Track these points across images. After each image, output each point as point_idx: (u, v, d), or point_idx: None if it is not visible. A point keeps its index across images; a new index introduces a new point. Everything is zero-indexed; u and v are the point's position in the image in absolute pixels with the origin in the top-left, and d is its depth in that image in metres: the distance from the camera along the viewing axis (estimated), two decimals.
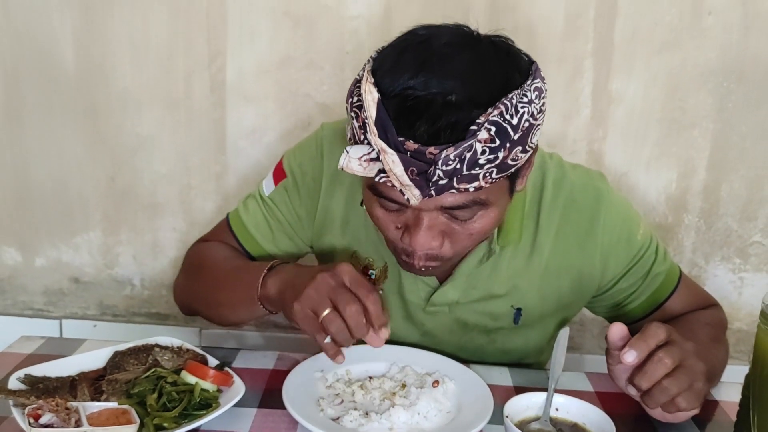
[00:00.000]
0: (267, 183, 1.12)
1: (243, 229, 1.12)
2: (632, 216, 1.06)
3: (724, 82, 1.48)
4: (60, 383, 0.85)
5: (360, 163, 0.78)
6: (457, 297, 1.04)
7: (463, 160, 0.75)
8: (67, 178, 1.56)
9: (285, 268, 0.93)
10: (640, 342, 0.79)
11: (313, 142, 1.08)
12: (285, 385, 0.89)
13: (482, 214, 0.85)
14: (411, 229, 0.85)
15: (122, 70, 1.49)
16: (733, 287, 1.59)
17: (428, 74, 0.77)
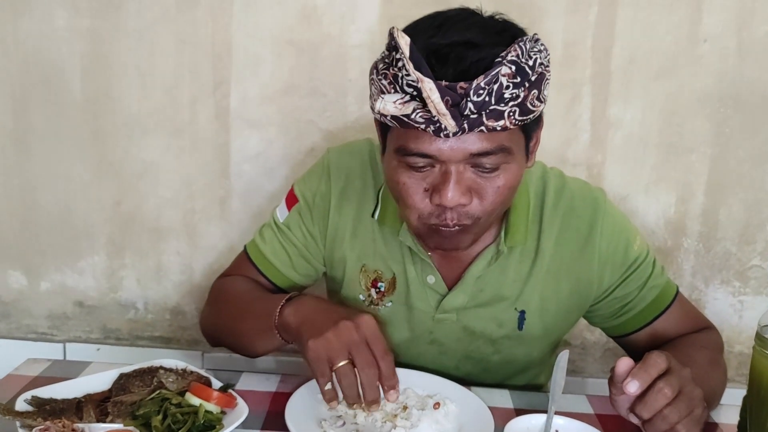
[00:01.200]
0: (281, 210, 1.16)
1: (262, 259, 1.15)
2: (629, 227, 1.10)
3: (720, 108, 1.50)
4: (66, 405, 0.86)
5: (395, 105, 0.83)
6: (466, 301, 1.07)
7: (491, 93, 0.80)
8: (73, 203, 1.58)
9: (305, 300, 0.96)
10: (642, 372, 0.81)
11: (320, 166, 1.14)
12: (288, 406, 0.90)
13: (505, 168, 0.89)
14: (440, 186, 0.87)
15: (129, 97, 1.51)
16: (733, 310, 1.60)
17: (447, 30, 0.85)
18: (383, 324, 1.07)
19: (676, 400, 0.80)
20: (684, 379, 0.82)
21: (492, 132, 0.84)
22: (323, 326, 0.87)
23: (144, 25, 1.47)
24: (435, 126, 0.82)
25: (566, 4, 1.44)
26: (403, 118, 0.83)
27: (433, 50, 0.82)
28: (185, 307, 1.64)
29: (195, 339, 1.66)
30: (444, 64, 0.81)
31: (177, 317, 1.64)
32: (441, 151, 0.85)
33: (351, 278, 1.11)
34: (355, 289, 1.10)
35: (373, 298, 1.10)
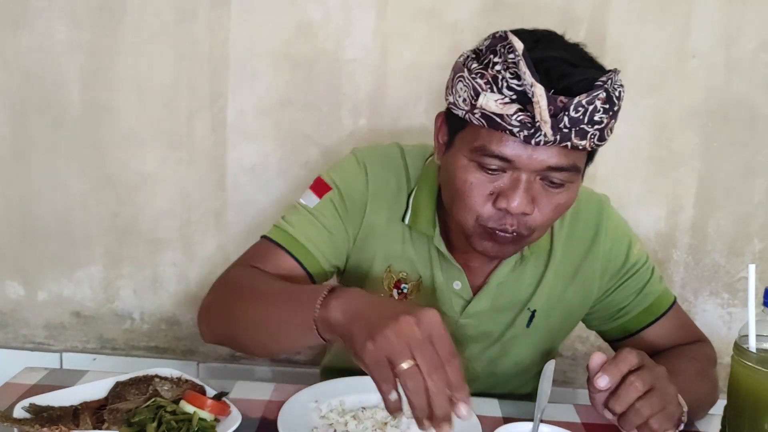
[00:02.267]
0: (307, 198, 1.10)
1: (293, 242, 1.06)
2: (630, 232, 1.15)
3: (709, 123, 1.53)
4: (63, 412, 0.88)
5: (497, 104, 0.85)
6: (488, 306, 1.09)
7: (586, 112, 0.84)
8: (71, 214, 1.60)
9: (352, 292, 0.82)
10: (612, 367, 0.83)
11: (353, 161, 1.11)
12: (280, 414, 0.92)
13: (569, 187, 0.92)
14: (508, 192, 0.90)
15: (127, 110, 1.54)
16: (722, 322, 1.62)
17: (545, 45, 0.87)
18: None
19: (648, 395, 0.82)
20: (657, 376, 0.84)
21: (573, 150, 0.88)
22: (381, 323, 0.73)
23: (142, 39, 1.50)
24: (528, 132, 0.84)
25: (557, 19, 1.47)
26: (495, 118, 0.85)
27: (535, 62, 0.84)
28: (181, 317, 1.65)
29: (190, 349, 1.67)
30: (546, 77, 0.83)
31: (173, 327, 1.66)
32: (521, 158, 0.87)
33: (375, 278, 1.10)
34: (377, 288, 1.10)
35: (395, 299, 1.10)
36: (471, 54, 0.92)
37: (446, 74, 1.49)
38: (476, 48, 0.92)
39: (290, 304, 0.88)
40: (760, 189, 1.55)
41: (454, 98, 0.92)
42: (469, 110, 0.88)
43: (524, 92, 0.84)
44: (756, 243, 1.58)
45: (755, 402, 0.75)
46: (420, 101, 1.53)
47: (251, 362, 1.68)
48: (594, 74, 0.86)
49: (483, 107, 0.86)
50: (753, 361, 0.75)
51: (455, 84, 0.91)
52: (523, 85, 0.83)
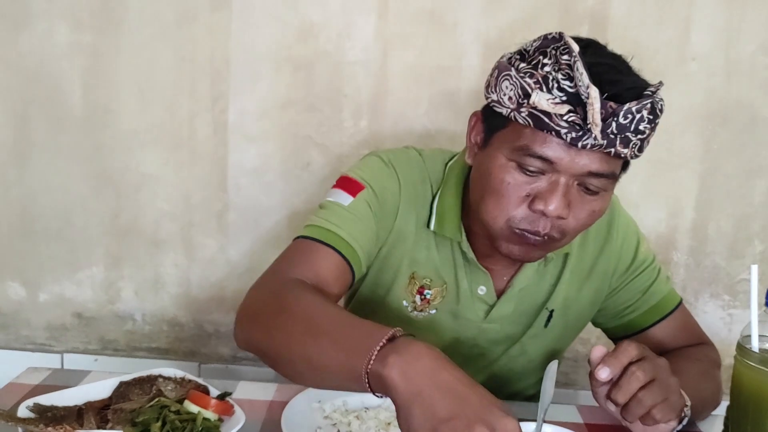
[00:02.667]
0: (338, 196, 1.03)
1: (338, 239, 0.99)
2: (638, 230, 1.17)
3: (708, 125, 1.54)
4: (67, 412, 0.88)
5: (548, 103, 0.85)
6: (512, 309, 1.10)
7: (633, 120, 0.84)
8: (72, 215, 1.60)
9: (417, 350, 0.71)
10: (612, 359, 0.83)
11: (380, 162, 1.07)
12: (284, 414, 0.92)
13: (604, 195, 0.93)
14: (546, 194, 0.90)
15: (128, 111, 1.54)
16: (723, 323, 1.63)
17: (594, 51, 0.89)
18: (422, 330, 1.10)
19: (650, 385, 0.82)
20: (659, 367, 0.84)
21: (614, 157, 0.88)
22: (449, 424, 0.65)
23: (144, 41, 1.50)
24: (576, 134, 0.85)
25: (557, 23, 1.48)
26: (543, 117, 0.85)
27: (587, 66, 0.84)
28: (182, 318, 1.65)
29: (192, 350, 1.67)
30: (597, 81, 0.83)
31: (174, 329, 1.66)
32: (563, 160, 0.87)
33: (400, 284, 1.09)
34: (401, 294, 1.09)
35: (417, 305, 1.10)
36: (516, 55, 0.92)
37: (447, 76, 1.51)
38: (521, 49, 0.92)
39: (340, 345, 0.77)
40: (760, 190, 1.56)
41: (498, 96, 0.91)
42: (515, 108, 0.88)
43: (576, 94, 0.84)
44: (757, 244, 1.59)
45: (758, 402, 0.75)
46: (421, 103, 1.53)
47: (253, 364, 1.68)
48: (642, 84, 0.88)
49: (534, 104, 0.85)
50: (756, 361, 0.76)
51: (500, 82, 0.91)
52: (575, 87, 0.84)
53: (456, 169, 1.08)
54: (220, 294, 1.64)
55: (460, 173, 1.07)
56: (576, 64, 0.83)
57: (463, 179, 1.07)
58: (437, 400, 0.67)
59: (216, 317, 1.65)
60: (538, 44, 0.90)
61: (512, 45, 0.97)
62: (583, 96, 0.83)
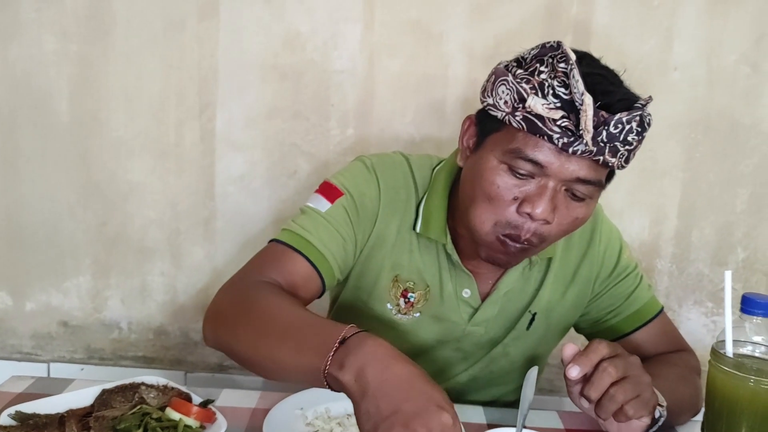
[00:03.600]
0: (317, 202, 1.06)
1: (309, 246, 1.02)
2: (620, 237, 1.19)
3: (691, 134, 1.56)
4: (49, 420, 0.88)
5: (543, 108, 0.87)
6: (496, 312, 1.11)
7: (622, 131, 0.87)
8: (59, 224, 1.60)
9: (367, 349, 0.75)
10: (583, 357, 0.85)
11: (362, 168, 1.10)
12: (266, 421, 0.92)
13: (589, 202, 0.95)
14: (534, 198, 0.91)
15: (116, 119, 1.55)
16: (706, 330, 1.64)
17: (588, 63, 0.92)
18: (406, 333, 1.11)
19: (622, 381, 0.83)
20: (630, 364, 0.85)
21: (602, 166, 0.91)
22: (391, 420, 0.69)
23: (131, 49, 1.51)
24: (567, 139, 0.87)
25: (542, 32, 1.49)
26: (537, 122, 0.87)
27: (582, 75, 0.85)
28: (169, 327, 1.65)
29: (178, 359, 1.67)
30: (591, 90, 0.85)
31: (160, 337, 1.66)
32: (553, 165, 0.89)
33: (382, 287, 1.10)
34: (384, 298, 1.10)
35: (401, 308, 1.11)
36: (513, 62, 0.95)
37: (433, 85, 1.53)
38: (518, 57, 0.95)
39: (300, 346, 0.82)
40: (742, 198, 1.58)
41: (494, 100, 0.93)
42: (510, 112, 0.90)
43: (570, 101, 0.86)
44: (739, 252, 1.61)
45: (732, 406, 0.76)
46: (407, 112, 1.54)
47: (240, 372, 1.68)
48: (633, 97, 0.91)
49: (530, 108, 0.88)
50: (730, 366, 0.77)
51: (496, 87, 0.93)
52: (570, 94, 0.86)
53: (443, 174, 1.09)
54: (206, 302, 1.61)
55: (447, 177, 1.09)
56: (572, 71, 0.85)
57: (450, 183, 1.09)
58: (381, 398, 0.71)
59: (201, 325, 1.65)
60: (536, 52, 0.92)
61: (496, 55, 0.99)
62: (577, 103, 0.85)
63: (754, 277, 1.61)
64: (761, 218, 1.59)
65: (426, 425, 0.68)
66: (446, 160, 1.12)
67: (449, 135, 1.55)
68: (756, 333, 0.84)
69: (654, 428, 0.90)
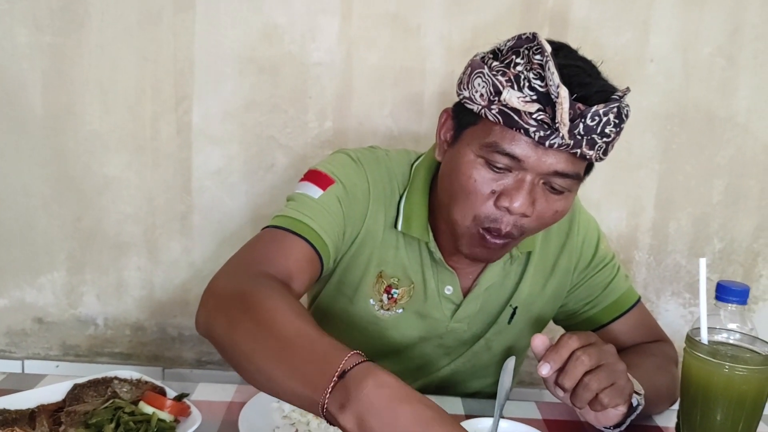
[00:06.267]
0: (307, 189, 1.02)
1: (308, 230, 0.97)
2: (598, 228, 1.19)
3: (667, 125, 1.57)
4: (19, 415, 0.87)
5: (519, 101, 0.86)
6: (477, 308, 1.11)
7: (599, 123, 0.86)
8: (33, 219, 1.58)
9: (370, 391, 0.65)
10: (553, 353, 0.85)
11: (348, 159, 1.07)
12: (241, 414, 0.91)
13: (567, 196, 0.95)
14: (512, 191, 0.91)
15: (90, 113, 1.52)
16: (684, 321, 1.65)
17: (566, 54, 0.91)
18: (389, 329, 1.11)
19: (597, 370, 0.83)
20: (605, 353, 0.85)
21: (580, 158, 0.90)
22: None
23: (106, 41, 1.49)
24: (544, 133, 0.86)
25: (519, 25, 1.49)
26: (513, 115, 0.86)
27: (558, 67, 0.85)
28: (146, 322, 1.64)
29: (155, 354, 1.66)
30: (567, 83, 0.84)
31: (137, 333, 1.64)
32: (530, 158, 0.89)
33: (367, 283, 1.09)
34: (368, 293, 1.09)
35: (384, 304, 1.10)
36: (489, 54, 0.94)
37: (411, 78, 1.52)
38: (495, 48, 0.94)
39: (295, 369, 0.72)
40: (718, 190, 1.59)
41: (470, 93, 0.92)
42: (486, 106, 0.89)
43: (546, 93, 0.85)
44: (716, 243, 1.62)
45: (706, 392, 0.77)
46: (385, 104, 1.54)
47: (219, 368, 1.67)
48: (611, 88, 0.90)
49: (505, 101, 0.87)
50: (704, 353, 0.77)
51: (472, 79, 0.92)
52: (546, 87, 0.85)
53: (422, 170, 1.08)
54: (184, 297, 1.62)
55: (426, 174, 1.08)
56: (548, 63, 0.85)
57: (430, 179, 1.08)
58: None
59: (180, 321, 1.64)
60: (512, 44, 0.91)
61: (474, 47, 0.99)
62: (553, 95, 0.84)
63: (731, 268, 1.63)
64: (737, 209, 1.60)
65: None
66: (425, 155, 1.11)
67: (427, 128, 1.55)
68: (731, 320, 0.84)
69: (632, 416, 0.90)
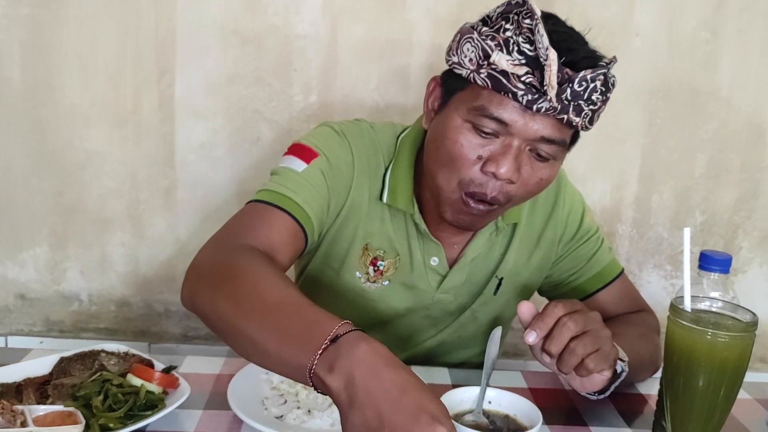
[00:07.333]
0: (291, 163, 1.02)
1: (292, 204, 0.97)
2: (583, 200, 1.21)
3: (652, 100, 1.57)
4: (5, 389, 0.86)
5: (508, 64, 0.87)
6: (463, 279, 1.12)
7: (587, 89, 0.87)
8: (14, 194, 1.55)
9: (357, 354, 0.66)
10: (539, 321, 0.86)
11: (332, 132, 1.06)
12: (230, 386, 0.92)
13: (553, 163, 0.96)
14: (499, 157, 0.91)
15: (70, 86, 1.50)
16: (665, 293, 1.67)
17: (555, 22, 0.92)
18: (375, 302, 1.11)
19: (582, 336, 0.84)
20: (590, 319, 0.86)
21: (566, 125, 0.91)
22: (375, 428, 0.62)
23: (85, 12, 1.46)
24: (532, 96, 0.86)
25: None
26: (502, 78, 0.87)
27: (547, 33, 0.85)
28: (131, 298, 1.63)
29: (141, 330, 1.65)
30: (556, 47, 0.85)
31: (122, 308, 1.63)
32: (517, 123, 0.89)
33: (353, 255, 1.09)
34: (355, 266, 1.09)
35: (370, 276, 1.10)
36: (478, 21, 0.94)
37: (397, 51, 1.51)
38: (484, 16, 0.94)
39: (285, 334, 0.72)
40: (700, 163, 1.61)
41: (459, 58, 0.92)
42: (475, 70, 0.90)
43: (535, 57, 0.86)
44: (697, 216, 1.64)
45: (689, 359, 0.78)
46: (371, 78, 1.53)
47: (206, 342, 1.66)
48: (597, 56, 0.91)
49: (494, 64, 0.87)
50: (688, 320, 0.78)
51: (461, 45, 0.92)
52: (535, 51, 0.86)
53: (408, 142, 1.08)
54: (169, 273, 1.62)
55: (412, 146, 1.08)
56: (537, 26, 0.85)
57: (415, 152, 1.08)
58: (369, 409, 0.63)
59: (166, 297, 1.63)
60: (501, 10, 0.91)
61: (461, 20, 0.98)
62: (542, 58, 0.85)
63: (712, 240, 1.65)
64: (719, 183, 1.62)
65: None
66: (411, 128, 1.11)
67: (414, 101, 1.54)
68: (713, 289, 0.85)
69: (616, 383, 0.92)
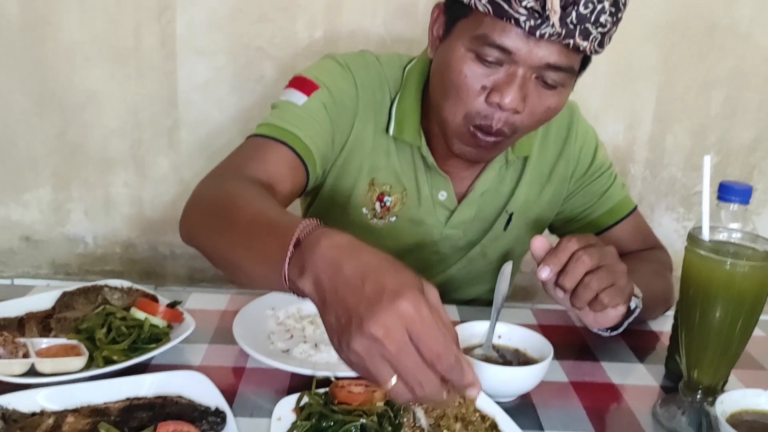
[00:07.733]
0: (291, 96, 0.99)
1: (292, 137, 0.95)
2: (596, 135, 1.17)
3: (668, 36, 1.52)
4: (7, 322, 0.85)
5: None
6: (473, 214, 1.10)
7: (594, 11, 0.82)
8: (15, 135, 1.53)
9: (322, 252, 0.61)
10: (552, 256, 0.82)
11: (335, 64, 1.03)
12: (236, 320, 0.90)
13: (561, 91, 0.92)
14: (503, 86, 0.88)
15: (69, 23, 1.46)
16: (677, 235, 1.65)
17: None
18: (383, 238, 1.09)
19: (597, 270, 0.81)
20: (606, 253, 0.83)
21: (573, 50, 0.86)
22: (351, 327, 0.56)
23: None
24: (534, 22, 0.82)
25: None
26: (503, 4, 0.83)
27: None
28: (136, 240, 1.62)
29: (147, 271, 1.64)
30: None
31: (128, 250, 1.62)
32: (521, 50, 0.85)
33: (360, 190, 1.06)
34: (361, 202, 1.07)
35: (377, 212, 1.08)
36: None
37: None
38: None
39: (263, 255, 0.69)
40: (716, 102, 1.56)
41: None
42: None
43: None
44: (713, 155, 1.59)
45: (706, 290, 0.76)
46: (377, 12, 1.48)
47: (212, 284, 1.66)
48: None
49: None
50: (706, 250, 0.75)
51: None
52: None
53: (415, 73, 1.05)
54: (174, 215, 1.56)
55: (419, 77, 1.04)
56: None
57: (423, 83, 1.04)
58: (338, 306, 0.58)
59: (171, 238, 1.62)
60: None
61: None
62: None
63: None
64: (734, 122, 1.58)
65: (383, 325, 0.55)
66: (418, 58, 1.07)
67: (421, 36, 1.48)
68: (732, 220, 0.82)
69: (629, 319, 0.90)
